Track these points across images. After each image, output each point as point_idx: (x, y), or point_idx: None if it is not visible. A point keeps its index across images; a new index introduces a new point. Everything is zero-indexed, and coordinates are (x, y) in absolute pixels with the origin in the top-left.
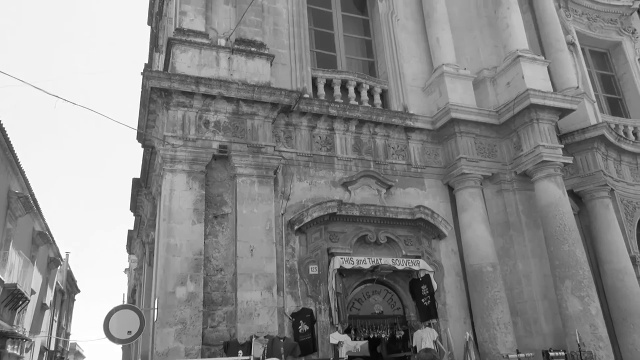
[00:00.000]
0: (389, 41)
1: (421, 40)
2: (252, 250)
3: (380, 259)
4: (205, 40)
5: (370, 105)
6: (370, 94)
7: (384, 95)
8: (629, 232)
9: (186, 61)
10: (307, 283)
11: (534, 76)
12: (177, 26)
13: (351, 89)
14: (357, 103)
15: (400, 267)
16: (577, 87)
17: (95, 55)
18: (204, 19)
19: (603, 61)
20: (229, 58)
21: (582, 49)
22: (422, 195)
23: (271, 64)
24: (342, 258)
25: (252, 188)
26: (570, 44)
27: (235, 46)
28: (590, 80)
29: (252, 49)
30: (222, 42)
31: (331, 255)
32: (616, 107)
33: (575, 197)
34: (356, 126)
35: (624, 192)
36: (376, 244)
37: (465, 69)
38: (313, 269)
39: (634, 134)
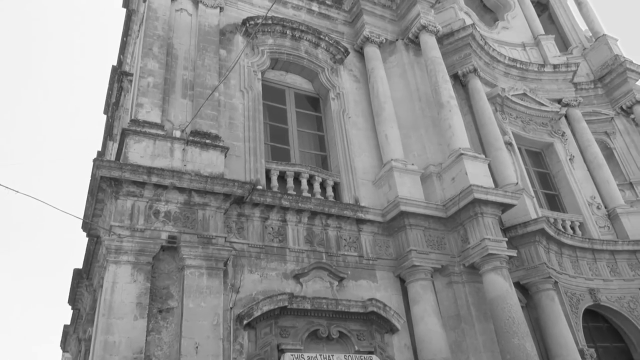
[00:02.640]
0: (341, 136)
1: (371, 136)
2: (197, 347)
3: (333, 356)
4: (160, 132)
5: (323, 198)
6: (323, 186)
7: (336, 187)
8: (575, 324)
9: (139, 151)
10: None
11: (476, 173)
12: (133, 117)
13: (304, 181)
14: (309, 195)
15: None
16: (517, 183)
17: (45, 143)
18: (161, 111)
19: (538, 160)
20: (184, 149)
21: (519, 149)
22: (374, 287)
23: (225, 156)
24: (292, 355)
25: (200, 280)
26: (508, 144)
27: (191, 138)
28: (528, 177)
29: (207, 141)
30: (178, 133)
31: (281, 351)
32: (553, 202)
33: (523, 289)
34: (308, 218)
35: (567, 284)
36: (328, 339)
37: (412, 164)
38: None
39: (572, 227)
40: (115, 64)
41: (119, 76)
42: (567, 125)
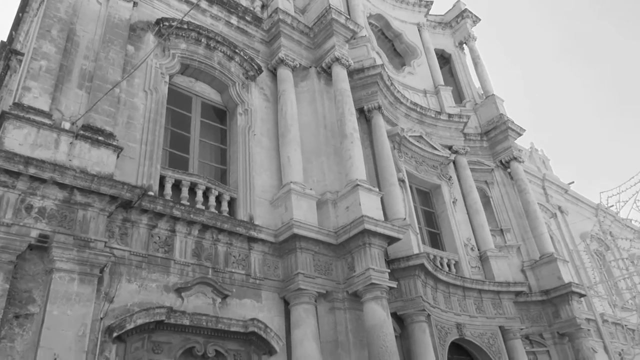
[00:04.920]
0: (244, 153)
1: (274, 156)
2: (55, 359)
3: None
4: (46, 120)
5: (217, 212)
6: (219, 200)
7: (232, 203)
8: (441, 355)
9: (19, 138)
10: None
11: (369, 205)
12: (17, 100)
13: (200, 193)
14: (203, 207)
15: None
16: (405, 218)
17: None
18: (50, 98)
19: (426, 199)
20: (71, 143)
21: (411, 187)
22: (257, 307)
23: (118, 156)
24: None
25: (70, 286)
26: (401, 181)
27: (81, 132)
28: (415, 215)
29: (99, 138)
30: (67, 125)
31: None
32: (435, 240)
33: (398, 319)
34: (199, 231)
35: (438, 317)
36: (203, 358)
37: (311, 189)
38: None
39: (448, 265)
40: (5, 39)
41: (8, 54)
42: (454, 170)
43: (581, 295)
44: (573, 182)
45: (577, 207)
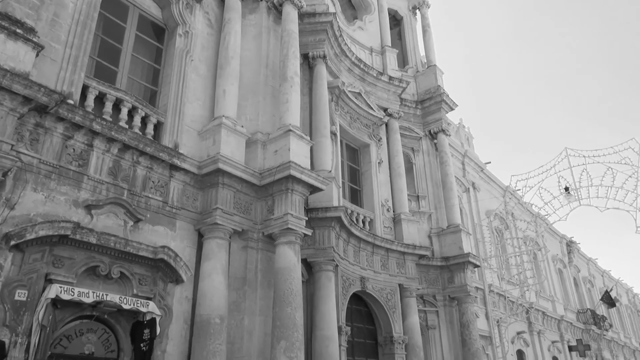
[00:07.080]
0: (178, 77)
1: (209, 86)
2: None
3: (107, 295)
4: None
5: (141, 133)
6: (144, 122)
7: (158, 127)
8: (342, 304)
9: None
10: (9, 310)
11: (298, 152)
12: None
13: (124, 111)
14: (127, 126)
15: (127, 307)
16: (330, 171)
17: None
18: None
19: (354, 156)
20: None
21: (341, 141)
22: (170, 236)
23: (37, 55)
24: (61, 287)
25: None
26: (333, 134)
27: None
28: (341, 169)
29: (18, 31)
30: None
31: (49, 282)
32: (356, 196)
33: (308, 266)
34: (119, 149)
35: (345, 269)
36: (107, 278)
37: (242, 126)
38: (20, 295)
39: (363, 222)
40: None
41: None
42: (385, 132)
43: (476, 266)
44: (490, 163)
45: (489, 186)
